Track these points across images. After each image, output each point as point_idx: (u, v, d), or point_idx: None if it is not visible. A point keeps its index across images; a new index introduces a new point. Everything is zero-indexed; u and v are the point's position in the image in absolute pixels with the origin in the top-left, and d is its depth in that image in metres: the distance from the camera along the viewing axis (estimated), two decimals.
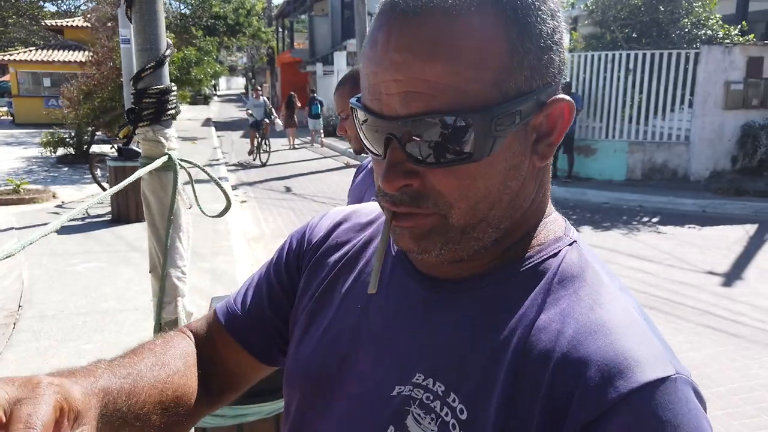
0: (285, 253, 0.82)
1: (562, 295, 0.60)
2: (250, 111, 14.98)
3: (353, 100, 0.61)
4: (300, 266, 0.80)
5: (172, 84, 1.27)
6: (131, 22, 1.24)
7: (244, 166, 13.97)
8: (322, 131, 17.96)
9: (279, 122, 15.47)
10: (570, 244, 0.64)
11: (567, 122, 0.59)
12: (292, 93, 18.38)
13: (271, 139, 14.41)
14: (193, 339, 0.82)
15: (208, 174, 1.28)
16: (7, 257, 0.64)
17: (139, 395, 0.66)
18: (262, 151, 14.17)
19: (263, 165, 13.70)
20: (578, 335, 0.57)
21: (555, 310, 0.59)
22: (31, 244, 0.69)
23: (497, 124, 0.54)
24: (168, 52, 1.25)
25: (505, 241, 0.63)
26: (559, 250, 0.63)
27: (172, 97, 1.26)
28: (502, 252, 0.63)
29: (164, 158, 1.20)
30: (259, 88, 17.37)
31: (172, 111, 1.26)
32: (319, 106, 17.63)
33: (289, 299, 0.79)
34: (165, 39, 1.26)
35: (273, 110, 15.38)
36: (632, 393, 0.52)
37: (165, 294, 1.22)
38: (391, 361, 0.65)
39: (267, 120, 14.63)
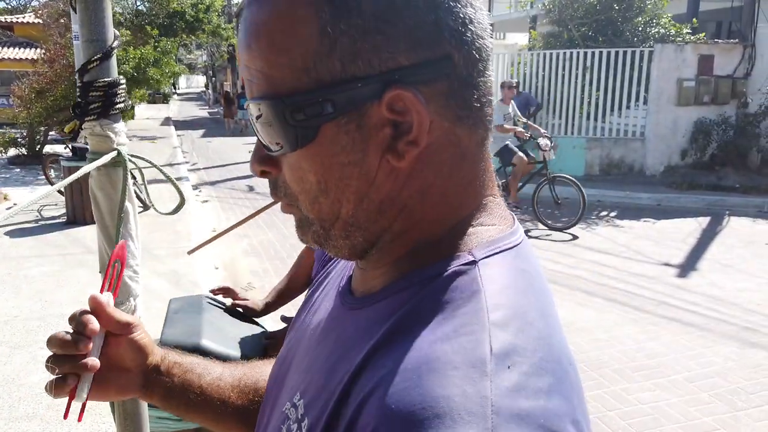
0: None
1: (407, 327, 0.49)
2: (507, 125, 7.86)
3: None
4: None
5: (121, 77, 1.23)
6: (75, 12, 1.19)
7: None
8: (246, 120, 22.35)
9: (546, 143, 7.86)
10: (465, 264, 0.51)
11: (422, 118, 0.49)
12: (228, 90, 22.94)
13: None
14: None
15: (160, 170, 1.24)
16: None
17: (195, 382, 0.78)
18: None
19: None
20: (389, 373, 0.46)
21: (388, 346, 0.49)
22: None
23: (295, 113, 0.50)
24: (116, 43, 1.21)
25: (394, 250, 0.55)
26: (441, 272, 0.51)
27: (121, 91, 1.21)
28: (392, 263, 0.55)
29: (113, 153, 1.16)
30: (515, 82, 8.71)
31: (121, 105, 1.22)
32: (245, 99, 21.76)
33: None
34: (112, 30, 1.22)
35: (526, 121, 8.37)
36: None
37: (118, 294, 1.18)
38: (297, 375, 0.62)
39: (516, 143, 7.94)
